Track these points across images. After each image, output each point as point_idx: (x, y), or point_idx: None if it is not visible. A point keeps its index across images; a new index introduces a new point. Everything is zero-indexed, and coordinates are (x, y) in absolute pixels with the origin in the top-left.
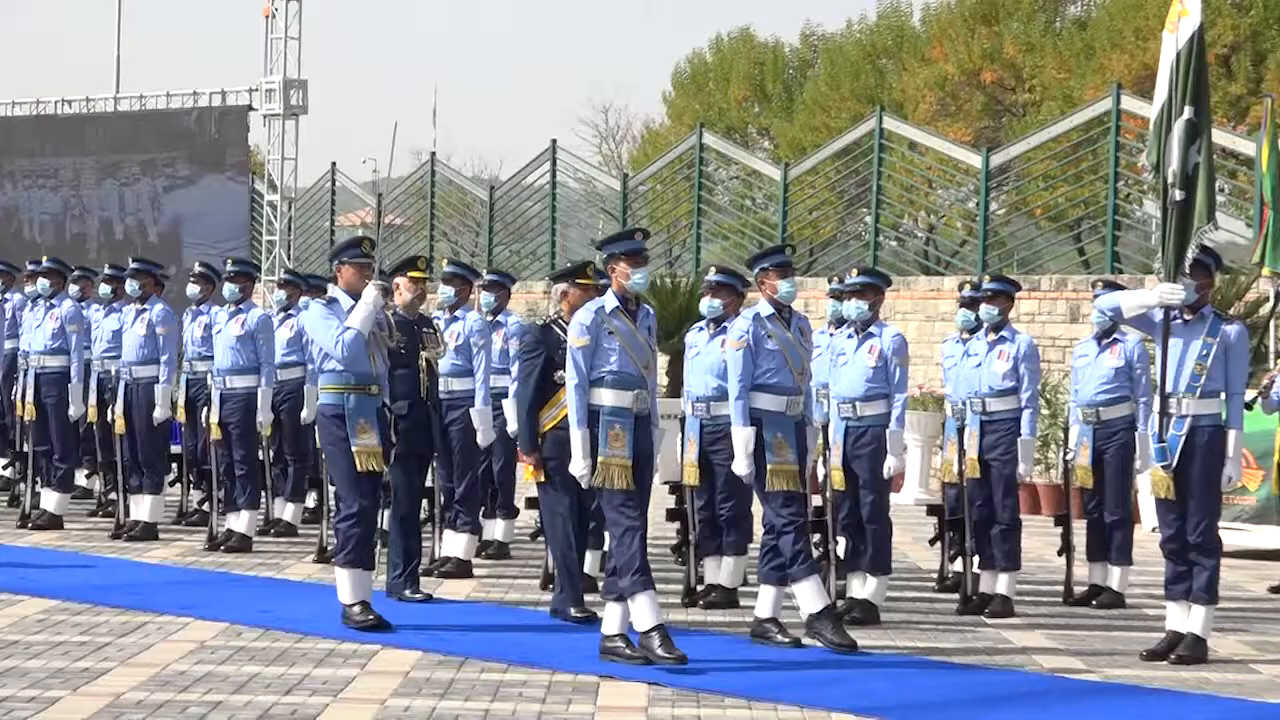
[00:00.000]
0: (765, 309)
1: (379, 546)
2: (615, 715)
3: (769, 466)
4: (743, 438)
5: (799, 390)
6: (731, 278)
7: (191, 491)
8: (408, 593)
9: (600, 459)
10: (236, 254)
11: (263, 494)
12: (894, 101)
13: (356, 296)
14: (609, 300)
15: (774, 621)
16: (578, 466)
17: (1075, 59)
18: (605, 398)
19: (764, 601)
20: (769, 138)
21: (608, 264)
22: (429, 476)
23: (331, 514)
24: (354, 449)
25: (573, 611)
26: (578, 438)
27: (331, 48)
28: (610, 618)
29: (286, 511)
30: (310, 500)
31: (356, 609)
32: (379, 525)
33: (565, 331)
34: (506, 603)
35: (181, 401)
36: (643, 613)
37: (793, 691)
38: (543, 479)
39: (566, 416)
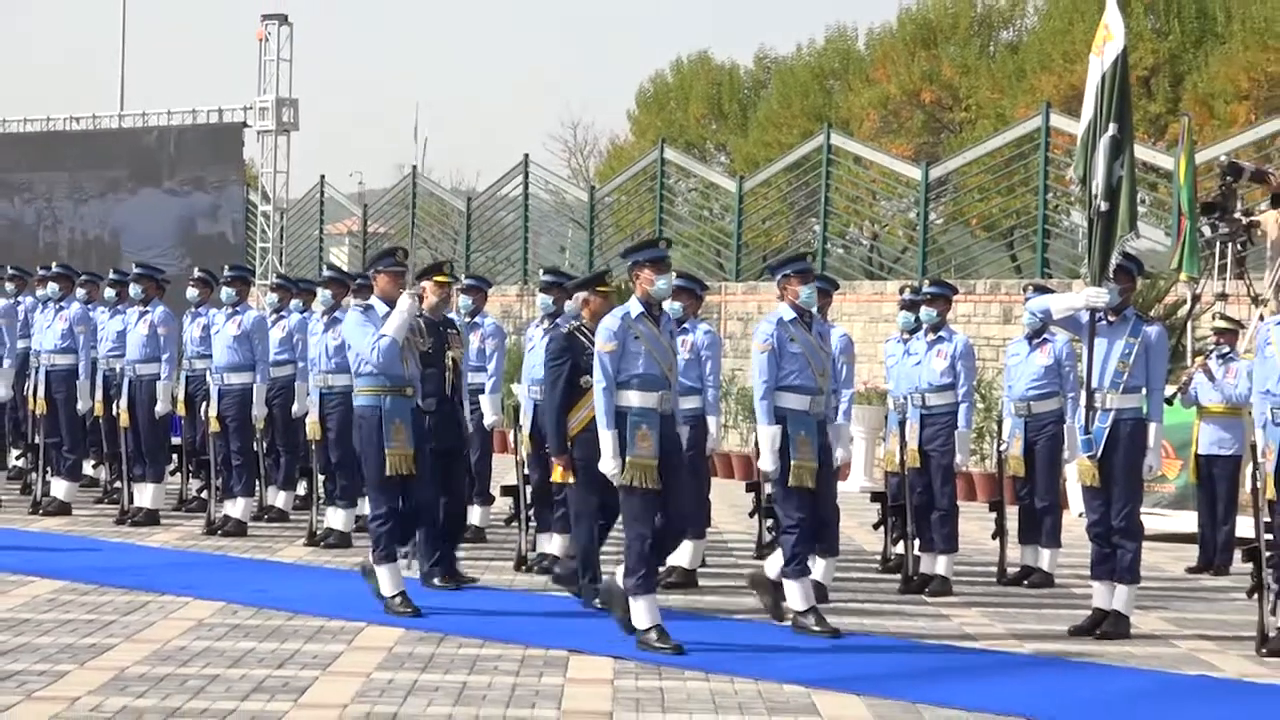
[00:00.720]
0: (788, 313)
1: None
2: (583, 686)
3: (792, 462)
4: (768, 435)
5: (821, 390)
6: (691, 282)
7: (190, 480)
8: (437, 581)
9: (628, 459)
10: (232, 260)
11: (257, 483)
12: (840, 119)
13: (390, 303)
14: (634, 306)
15: (814, 612)
16: (608, 465)
17: (1008, 80)
18: (632, 399)
19: (793, 596)
20: (725, 152)
21: (632, 271)
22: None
23: (321, 500)
24: (387, 452)
25: (597, 603)
26: (607, 438)
27: (320, 69)
28: (638, 612)
29: (279, 499)
30: (301, 488)
31: (398, 600)
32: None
33: (588, 338)
34: (483, 585)
35: (181, 397)
36: (641, 614)
37: (747, 665)
38: (571, 480)
39: (593, 419)
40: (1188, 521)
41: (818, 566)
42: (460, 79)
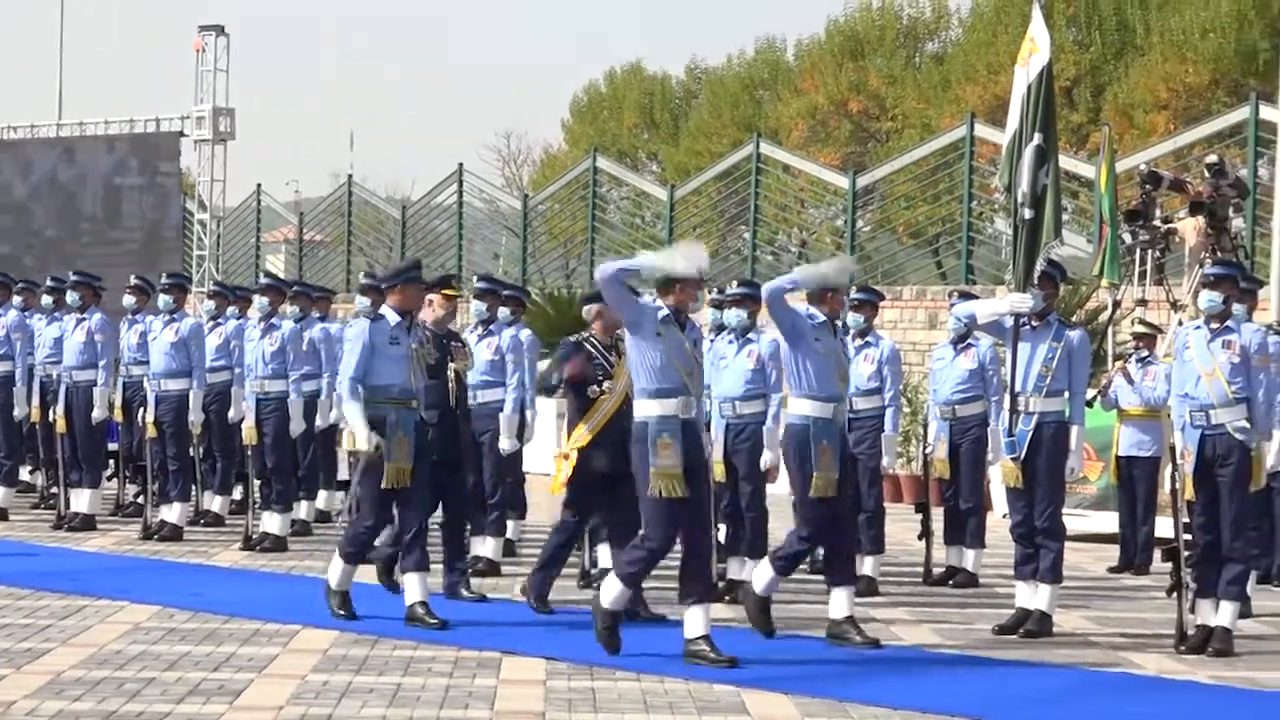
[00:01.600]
0: (816, 316)
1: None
2: (516, 687)
3: (815, 475)
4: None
5: (841, 397)
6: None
7: (127, 485)
8: (463, 591)
9: (652, 470)
10: (169, 268)
11: (193, 488)
12: (770, 129)
13: (406, 314)
14: (663, 309)
15: (851, 622)
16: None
17: (933, 90)
18: (652, 409)
19: (836, 603)
20: (657, 161)
21: (672, 283)
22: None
23: (256, 504)
24: (386, 465)
25: (534, 603)
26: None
27: (257, 79)
28: (691, 621)
29: (215, 503)
30: (237, 493)
31: (336, 601)
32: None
33: (598, 349)
34: None
35: (118, 403)
36: (698, 621)
37: (677, 666)
38: (567, 490)
39: (602, 430)
40: (1109, 522)
41: (735, 566)
42: (396, 89)
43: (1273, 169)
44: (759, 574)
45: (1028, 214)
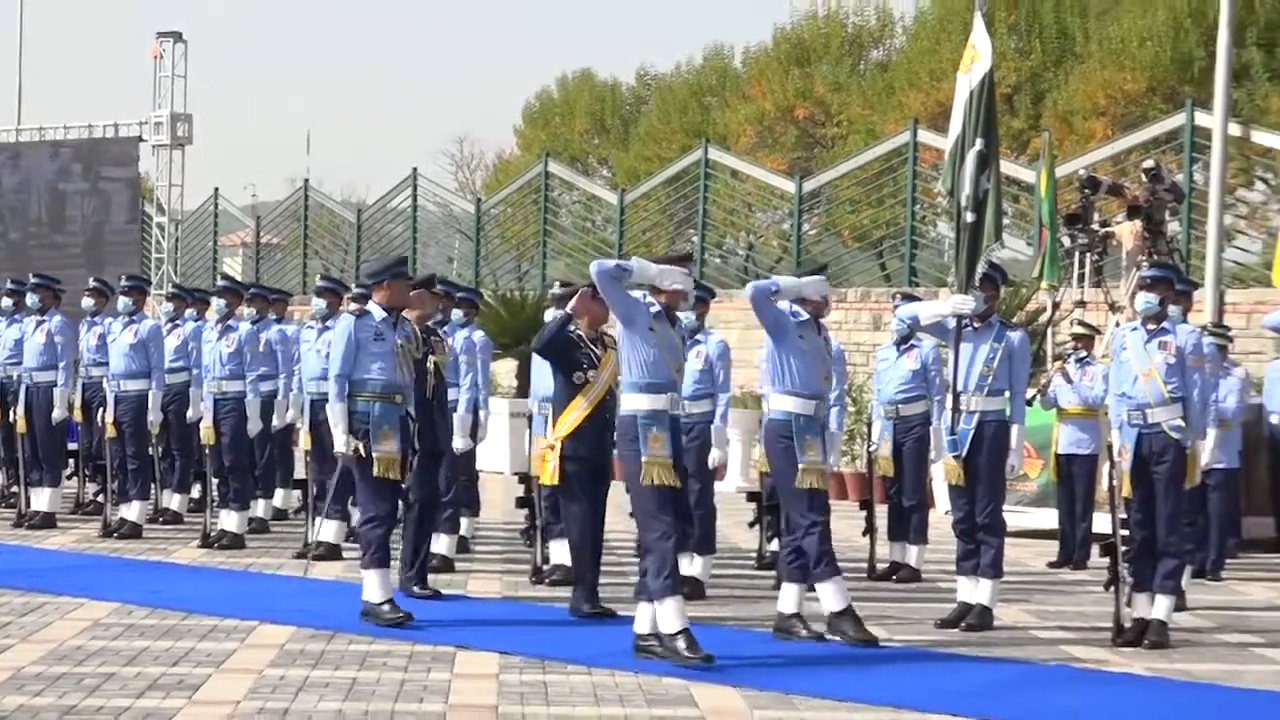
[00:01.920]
0: (800, 314)
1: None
2: (469, 681)
3: (800, 466)
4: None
5: (823, 394)
6: (574, 289)
7: (87, 484)
8: (415, 589)
9: (644, 459)
10: (126, 270)
11: (152, 486)
12: (718, 134)
13: (393, 310)
14: (655, 305)
15: (798, 617)
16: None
17: (877, 97)
18: (641, 403)
19: (787, 598)
20: (608, 166)
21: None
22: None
23: (214, 502)
24: (374, 455)
25: (586, 608)
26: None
27: (214, 85)
28: (643, 618)
29: (174, 501)
30: (195, 491)
31: (385, 607)
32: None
33: (583, 340)
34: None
35: (78, 403)
36: (670, 616)
37: (628, 660)
38: (558, 481)
39: (585, 420)
40: (1048, 518)
41: (695, 564)
42: (351, 95)
43: (1207, 174)
44: (823, 596)
45: (970, 217)
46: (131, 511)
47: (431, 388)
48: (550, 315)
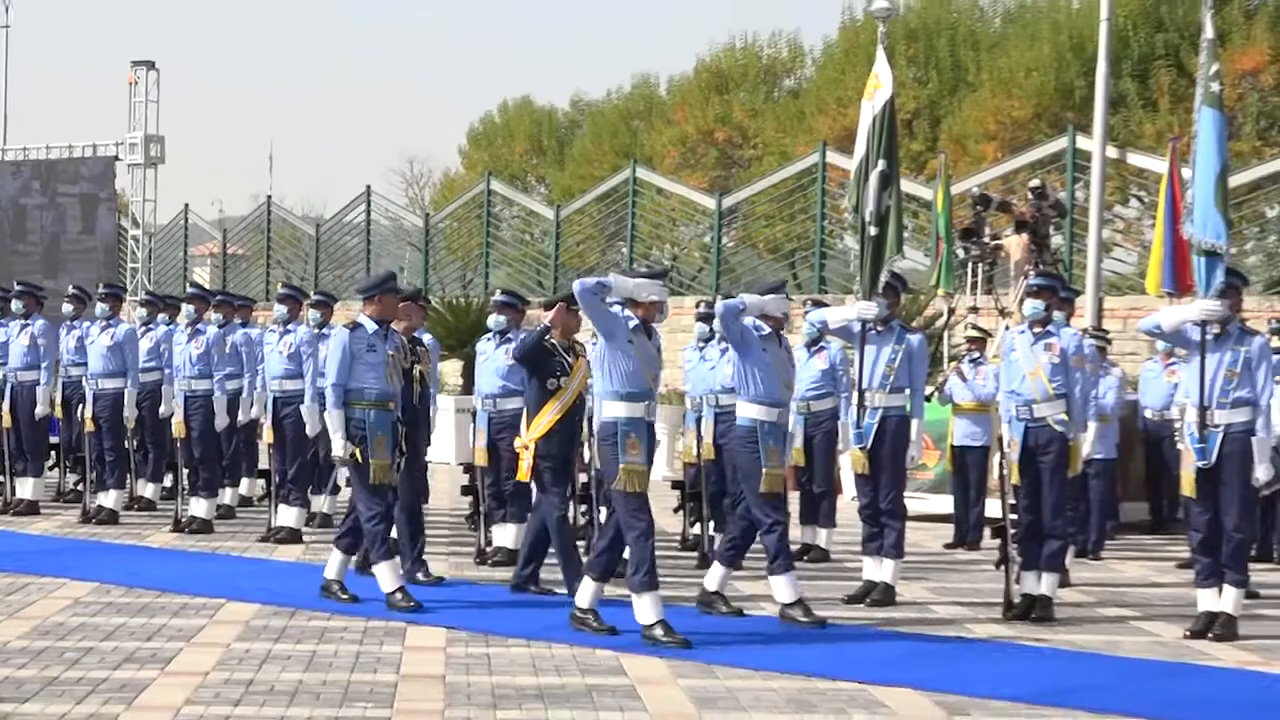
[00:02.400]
0: (762, 328)
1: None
2: (419, 653)
3: (764, 471)
4: None
5: (784, 402)
6: (513, 298)
7: (68, 475)
8: (420, 576)
9: (621, 466)
10: (104, 278)
11: (128, 476)
12: (645, 155)
13: (383, 322)
14: (633, 319)
15: (719, 595)
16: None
17: (789, 122)
18: (620, 410)
19: (713, 577)
20: (545, 184)
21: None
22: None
23: (185, 491)
24: (372, 462)
25: (533, 589)
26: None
27: (185, 108)
28: (585, 592)
29: (148, 490)
30: (167, 481)
31: (399, 595)
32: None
33: (555, 348)
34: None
35: (59, 400)
36: (647, 609)
37: (563, 633)
38: (530, 478)
39: (557, 422)
40: (944, 504)
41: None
42: (310, 118)
43: (1088, 192)
44: (776, 588)
45: (873, 231)
46: (109, 499)
47: (417, 394)
48: (493, 320)
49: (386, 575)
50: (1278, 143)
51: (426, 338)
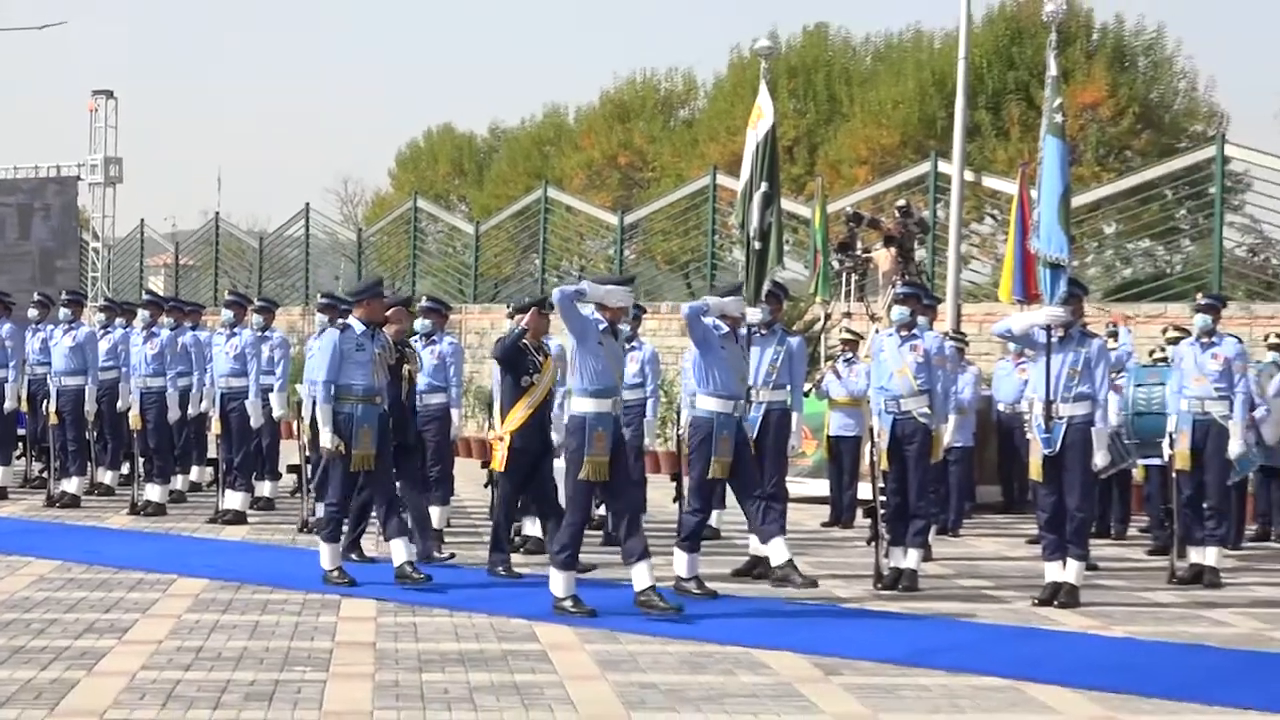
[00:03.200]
0: (721, 327)
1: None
2: (352, 623)
3: (714, 459)
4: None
5: (740, 395)
6: (438, 304)
7: (33, 463)
8: (435, 554)
9: (586, 457)
10: (69, 286)
11: (88, 464)
12: (555, 177)
13: (370, 325)
14: (602, 323)
15: (696, 579)
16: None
17: (684, 147)
18: (589, 405)
19: (680, 564)
20: (465, 202)
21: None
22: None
23: (140, 478)
24: (354, 452)
25: (501, 570)
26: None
27: (141, 131)
28: (639, 575)
29: (106, 477)
30: (124, 468)
31: (335, 573)
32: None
33: (529, 349)
34: (273, 544)
35: (25, 396)
36: (559, 583)
37: (485, 604)
38: (505, 468)
39: (530, 416)
40: (821, 487)
41: (538, 526)
42: (255, 142)
43: (948, 211)
44: (678, 562)
45: (757, 245)
46: (71, 485)
47: (405, 392)
48: (419, 324)
49: (326, 554)
50: (1114, 168)
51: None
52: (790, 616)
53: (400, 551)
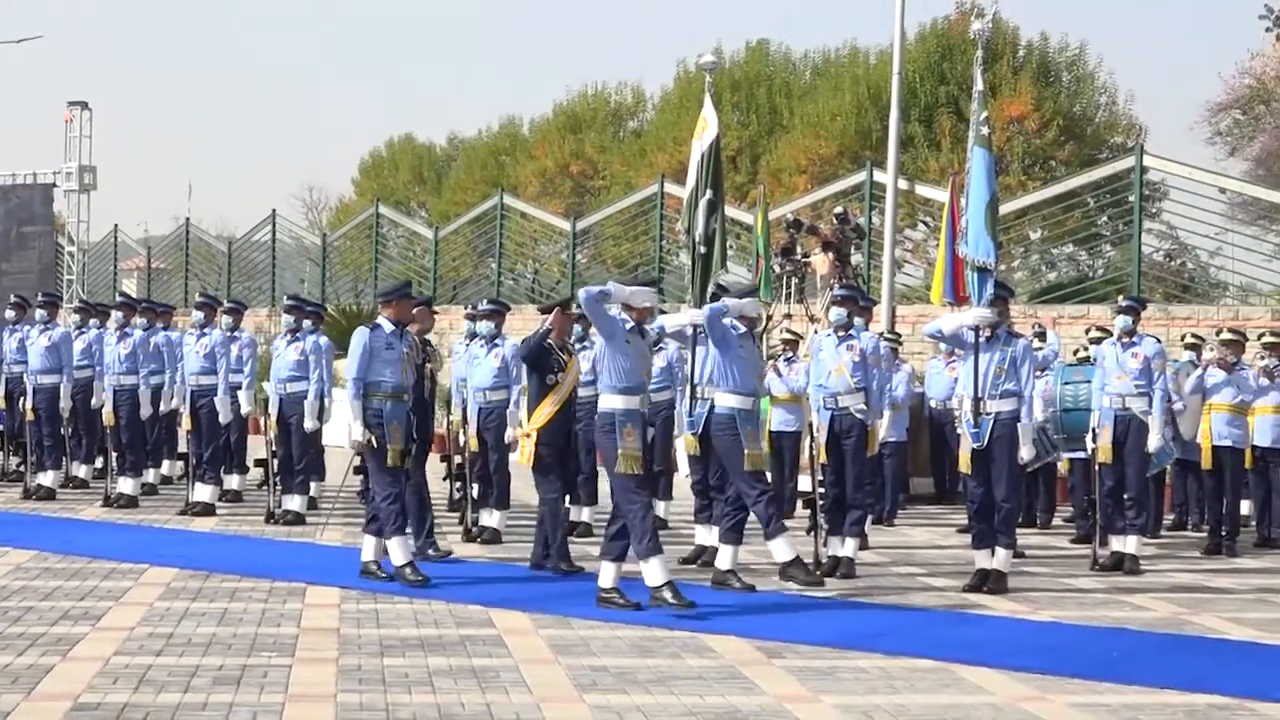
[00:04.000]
0: (739, 328)
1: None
2: (317, 610)
3: (746, 452)
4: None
5: (758, 392)
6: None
7: (10, 458)
8: (431, 552)
9: (620, 452)
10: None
11: (64, 459)
12: (510, 185)
13: (399, 324)
14: (629, 322)
15: (733, 573)
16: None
17: (633, 157)
18: (618, 403)
19: (723, 558)
20: (425, 209)
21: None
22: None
23: (114, 471)
24: (388, 447)
25: (563, 565)
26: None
27: (115, 140)
28: (606, 574)
29: (81, 471)
30: (98, 462)
31: (408, 570)
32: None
33: (554, 349)
34: (241, 534)
35: (2, 393)
36: (654, 572)
37: (443, 591)
38: (533, 464)
39: (556, 413)
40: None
41: (494, 517)
42: (224, 150)
43: (883, 218)
44: (721, 556)
45: (702, 250)
46: (47, 479)
47: (427, 389)
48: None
49: (398, 551)
50: (1039, 177)
51: (323, 340)
52: (733, 602)
53: (370, 550)
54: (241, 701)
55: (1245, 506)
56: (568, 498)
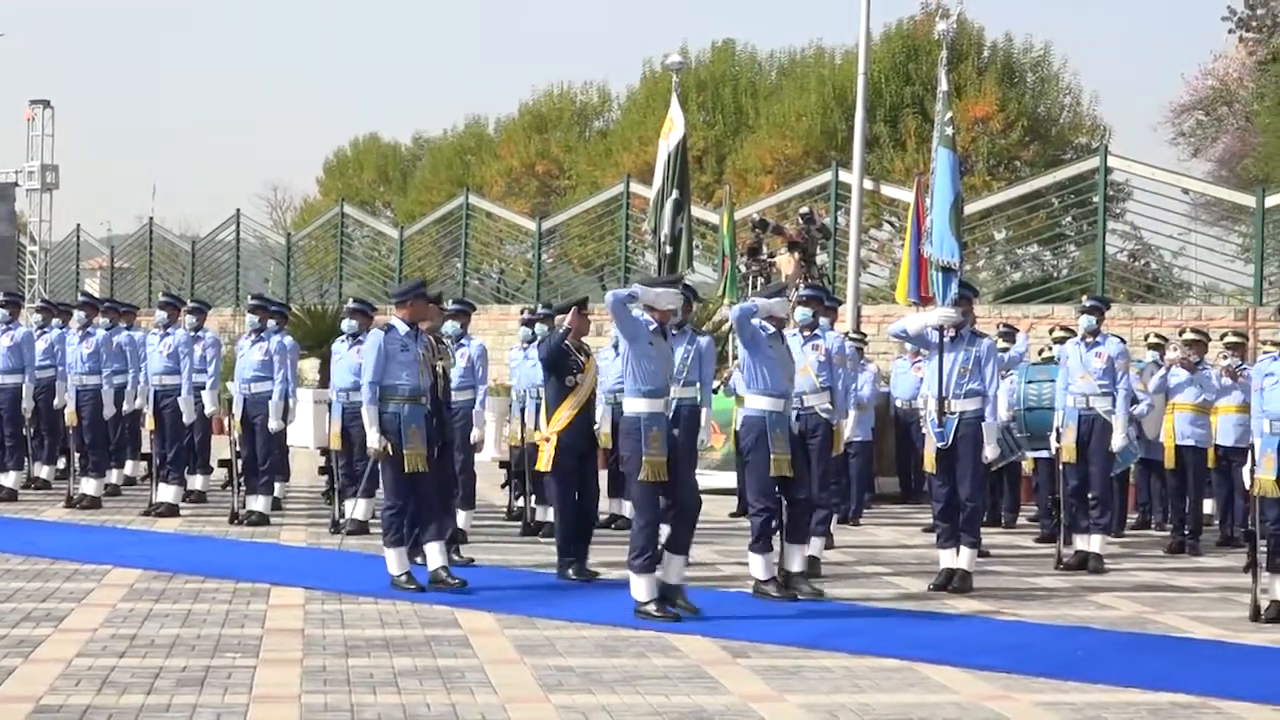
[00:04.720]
0: (768, 328)
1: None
2: (281, 610)
3: (773, 456)
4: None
5: (789, 393)
6: (364, 305)
7: None
8: (454, 556)
9: (644, 458)
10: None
11: (25, 459)
12: (476, 184)
13: (414, 324)
14: (652, 324)
15: (771, 581)
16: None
17: (599, 157)
18: (642, 406)
19: (756, 567)
20: (390, 209)
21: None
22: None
23: (76, 472)
24: (405, 451)
25: (570, 573)
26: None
27: (78, 139)
28: (638, 587)
29: (43, 471)
30: (60, 463)
31: (403, 578)
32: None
33: (572, 350)
34: (204, 535)
35: None
36: (640, 588)
37: (409, 593)
38: (551, 467)
39: (575, 416)
40: (729, 479)
41: (460, 516)
42: (187, 149)
43: (848, 218)
44: (753, 565)
45: (668, 249)
46: (8, 480)
47: (440, 388)
48: (346, 324)
49: (393, 560)
50: (1004, 178)
51: (288, 340)
52: (699, 602)
53: (436, 556)
54: (205, 703)
55: (1208, 505)
56: (604, 493)
